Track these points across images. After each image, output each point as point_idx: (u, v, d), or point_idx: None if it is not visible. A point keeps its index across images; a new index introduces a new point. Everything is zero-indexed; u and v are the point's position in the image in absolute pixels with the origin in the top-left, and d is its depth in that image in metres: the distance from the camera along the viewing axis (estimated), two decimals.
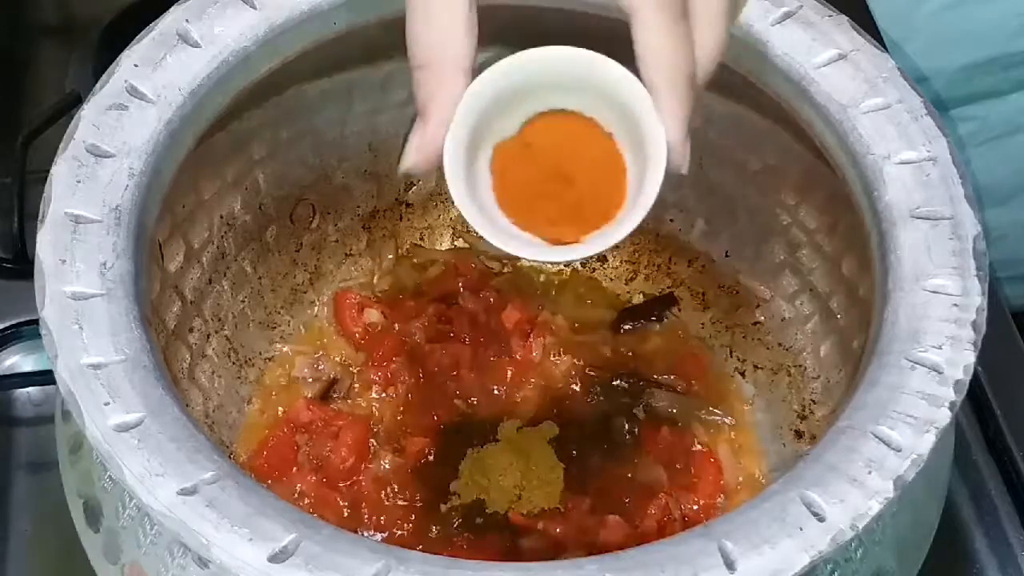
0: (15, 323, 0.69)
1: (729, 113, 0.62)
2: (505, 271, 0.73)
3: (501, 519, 0.62)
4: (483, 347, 0.68)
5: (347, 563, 0.39)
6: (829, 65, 0.54)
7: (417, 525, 0.61)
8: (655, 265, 0.72)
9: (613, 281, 0.73)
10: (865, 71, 0.53)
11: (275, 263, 0.68)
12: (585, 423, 0.66)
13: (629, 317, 0.71)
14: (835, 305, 0.62)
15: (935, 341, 0.46)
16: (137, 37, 0.52)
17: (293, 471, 0.63)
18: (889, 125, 0.52)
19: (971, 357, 0.45)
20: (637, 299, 0.72)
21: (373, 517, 0.61)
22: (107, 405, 0.42)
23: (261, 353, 0.67)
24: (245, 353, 0.66)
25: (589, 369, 0.68)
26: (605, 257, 0.73)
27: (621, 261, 0.73)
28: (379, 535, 0.61)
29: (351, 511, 0.62)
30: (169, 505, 0.40)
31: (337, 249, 0.71)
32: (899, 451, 0.43)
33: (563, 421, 0.66)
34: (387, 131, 0.68)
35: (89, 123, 0.49)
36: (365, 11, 0.56)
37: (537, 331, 0.69)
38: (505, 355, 0.68)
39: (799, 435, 0.64)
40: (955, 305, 0.47)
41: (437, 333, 0.68)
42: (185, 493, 0.41)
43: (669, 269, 0.72)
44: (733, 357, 0.69)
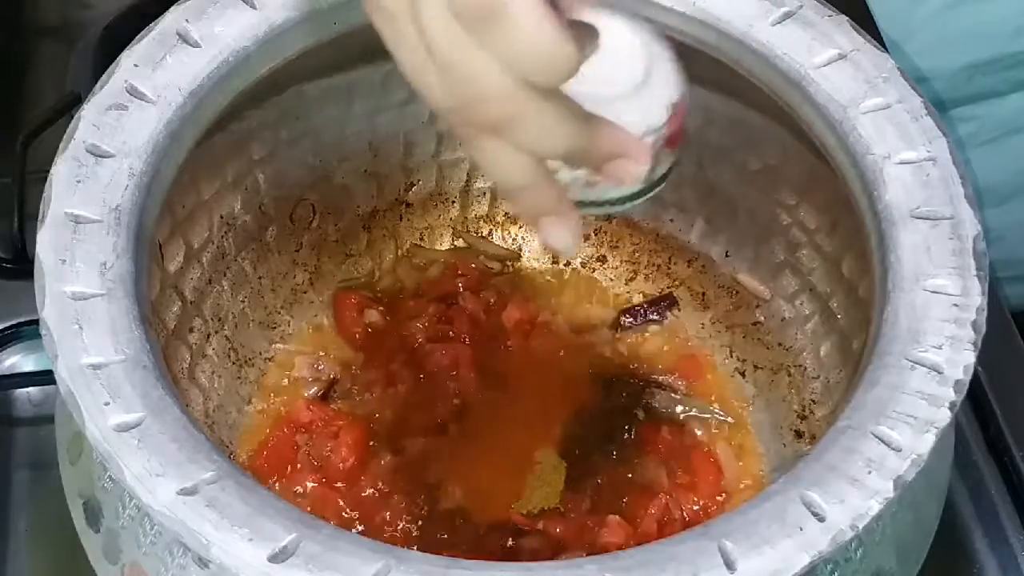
0: (15, 323, 0.69)
1: (729, 113, 0.62)
2: (505, 271, 0.73)
3: (501, 519, 0.61)
4: (483, 347, 0.68)
5: (347, 563, 0.39)
6: (829, 65, 0.54)
7: (417, 525, 0.61)
8: (655, 265, 0.72)
9: (613, 281, 0.73)
10: (865, 71, 0.54)
11: (275, 263, 0.67)
12: (585, 423, 0.66)
13: (629, 317, 0.71)
14: (835, 305, 0.62)
15: (935, 341, 0.46)
16: (137, 37, 0.53)
17: (293, 471, 0.63)
18: (889, 125, 0.52)
19: (971, 357, 0.45)
20: (637, 299, 0.72)
21: (373, 517, 0.61)
22: (107, 405, 0.42)
23: (261, 353, 0.67)
24: (245, 353, 0.66)
25: (589, 369, 0.68)
26: (605, 257, 0.73)
27: (621, 261, 0.73)
28: (379, 535, 0.61)
29: (351, 511, 0.62)
30: (169, 505, 0.40)
31: (337, 249, 0.71)
32: (899, 451, 0.43)
33: (563, 421, 0.66)
34: (387, 131, 0.68)
35: (89, 123, 0.49)
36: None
37: (537, 331, 0.69)
38: (505, 355, 0.68)
39: (799, 435, 0.64)
40: (955, 305, 0.47)
41: (437, 333, 0.68)
42: (185, 493, 0.41)
43: (669, 269, 0.71)
44: (733, 357, 0.69)
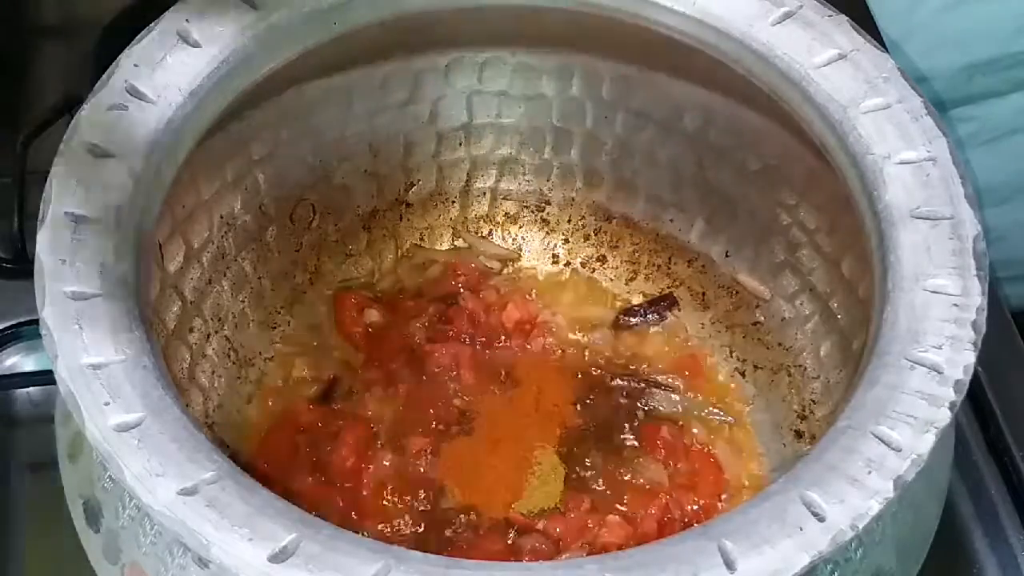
0: (15, 323, 0.69)
1: (729, 113, 0.62)
2: (505, 271, 0.73)
3: (501, 519, 0.61)
4: (483, 347, 0.68)
5: (347, 563, 0.39)
6: (829, 65, 0.54)
7: (417, 525, 0.61)
8: (655, 265, 0.72)
9: (613, 281, 0.73)
10: (865, 71, 0.53)
11: (275, 263, 0.67)
12: (585, 423, 0.66)
13: (629, 317, 0.71)
14: (835, 305, 0.62)
15: (935, 341, 0.46)
16: (137, 37, 0.52)
17: (293, 471, 0.63)
18: (889, 125, 0.52)
19: (971, 357, 0.45)
20: (637, 299, 0.72)
21: (373, 517, 0.61)
22: (107, 405, 0.42)
23: (261, 353, 0.67)
24: (245, 353, 0.66)
25: (589, 369, 0.68)
26: (605, 257, 0.73)
27: (621, 261, 0.73)
28: (379, 535, 0.61)
29: (351, 511, 0.62)
30: (169, 505, 0.40)
31: (337, 249, 0.71)
32: (899, 451, 0.43)
33: (563, 421, 0.66)
34: (387, 131, 0.68)
35: (89, 123, 0.49)
36: (365, 12, 0.56)
37: (537, 331, 0.69)
38: (505, 355, 0.68)
39: (799, 435, 0.64)
40: (955, 305, 0.47)
41: (437, 333, 0.68)
42: (185, 493, 0.40)
43: (669, 269, 0.71)
44: (733, 357, 0.69)
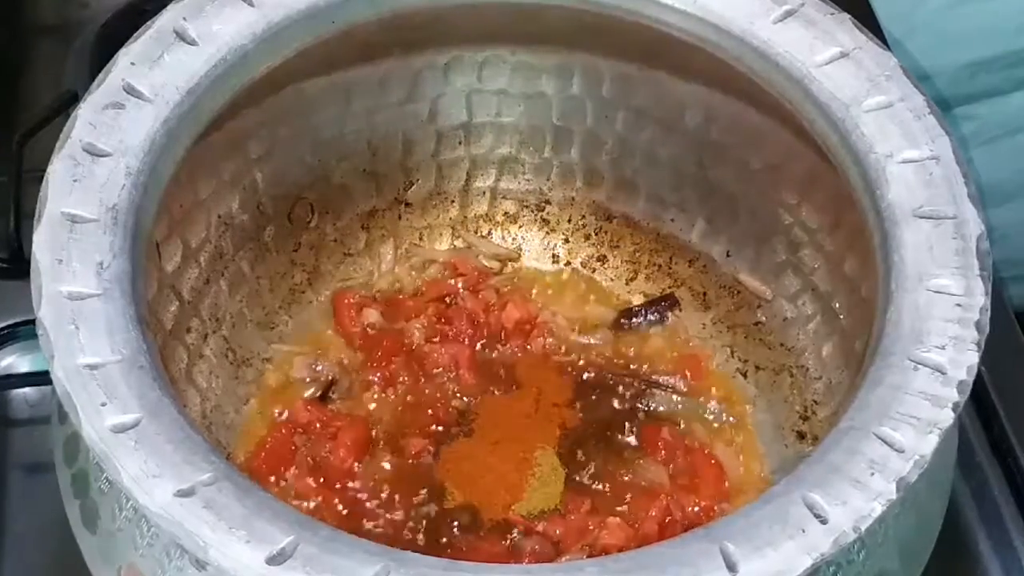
0: (11, 323, 0.69)
1: (730, 112, 0.62)
2: (505, 271, 0.73)
3: (501, 520, 0.61)
4: (483, 347, 0.68)
5: (346, 565, 0.39)
6: (831, 63, 0.54)
7: (416, 526, 0.61)
8: (655, 265, 0.72)
9: (613, 281, 0.72)
10: (867, 69, 0.53)
11: (273, 263, 0.67)
12: (585, 424, 0.65)
13: (629, 317, 0.70)
14: (837, 305, 0.62)
15: (938, 341, 0.45)
16: (134, 35, 0.52)
17: (291, 472, 0.62)
18: (891, 124, 0.52)
19: (974, 357, 0.45)
20: (637, 299, 0.72)
21: (372, 518, 0.61)
22: (104, 406, 0.42)
23: (259, 353, 0.67)
24: (243, 353, 0.66)
25: (589, 369, 0.68)
26: (605, 257, 0.73)
27: (622, 261, 0.72)
28: (378, 537, 0.61)
29: (350, 512, 0.61)
30: (166, 507, 0.40)
31: (336, 249, 0.70)
32: (902, 452, 0.43)
33: (563, 422, 0.65)
34: (386, 130, 0.68)
35: (86, 122, 0.49)
36: (363, 9, 0.56)
37: (537, 331, 0.69)
38: (505, 355, 0.68)
39: (801, 436, 0.64)
40: (958, 305, 0.46)
41: (437, 333, 0.68)
42: (182, 495, 0.40)
43: (670, 269, 0.71)
44: (734, 357, 0.69)
